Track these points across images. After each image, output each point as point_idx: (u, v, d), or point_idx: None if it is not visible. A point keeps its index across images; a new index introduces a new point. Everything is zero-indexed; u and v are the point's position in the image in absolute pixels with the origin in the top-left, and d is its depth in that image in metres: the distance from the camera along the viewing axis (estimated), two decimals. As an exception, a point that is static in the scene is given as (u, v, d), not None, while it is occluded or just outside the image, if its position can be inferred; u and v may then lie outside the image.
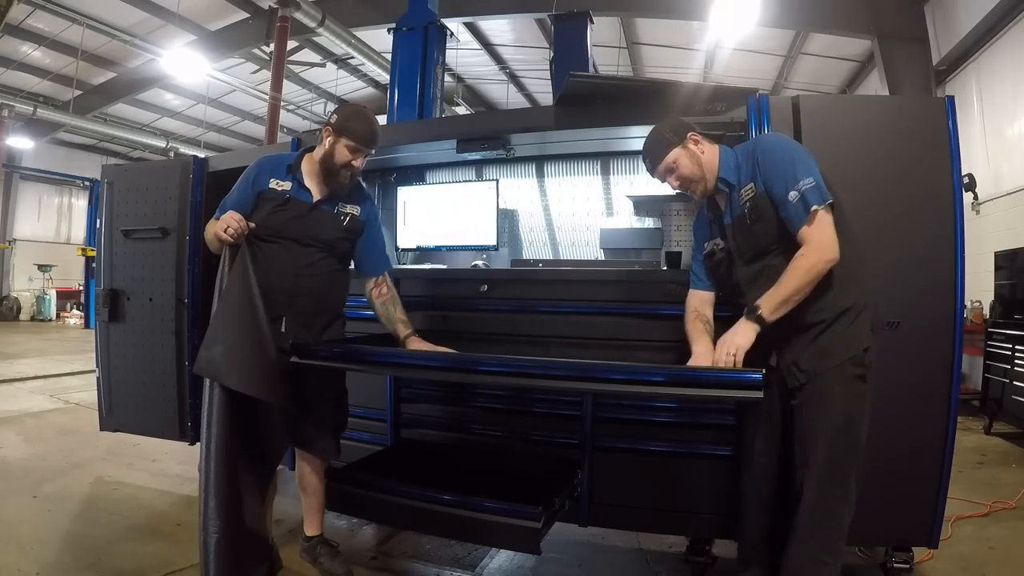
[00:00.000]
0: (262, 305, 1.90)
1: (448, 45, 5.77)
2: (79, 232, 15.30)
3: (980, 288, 5.31)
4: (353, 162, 2.06)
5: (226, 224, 1.92)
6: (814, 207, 1.64)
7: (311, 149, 2.15)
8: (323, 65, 11.05)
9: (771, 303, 1.66)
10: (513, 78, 11.59)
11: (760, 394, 1.51)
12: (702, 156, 1.84)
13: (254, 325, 1.89)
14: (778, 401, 1.79)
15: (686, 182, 1.86)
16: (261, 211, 2.07)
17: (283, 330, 2.04)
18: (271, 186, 2.08)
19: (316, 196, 2.11)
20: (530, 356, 2.08)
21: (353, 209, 2.17)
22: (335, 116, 2.07)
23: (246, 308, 1.89)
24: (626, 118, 2.49)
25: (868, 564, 2.33)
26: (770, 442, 1.82)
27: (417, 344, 2.13)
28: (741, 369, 1.62)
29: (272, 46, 8.52)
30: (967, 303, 5.02)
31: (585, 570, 2.35)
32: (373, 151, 2.15)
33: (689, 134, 1.85)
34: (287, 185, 2.09)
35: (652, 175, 1.92)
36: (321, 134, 2.10)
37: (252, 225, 1.97)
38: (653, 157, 1.88)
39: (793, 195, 1.67)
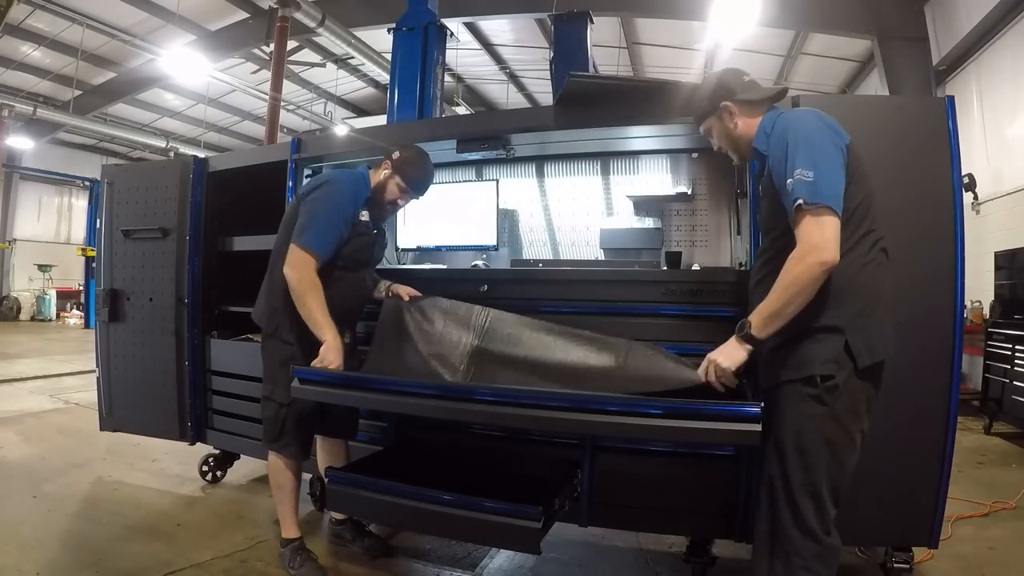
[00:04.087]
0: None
1: (448, 45, 5.79)
2: (79, 232, 15.33)
3: (980, 288, 5.31)
4: (399, 200, 2.21)
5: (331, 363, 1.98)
6: (798, 200, 1.43)
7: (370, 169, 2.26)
8: (323, 65, 11.06)
9: (760, 317, 1.49)
10: (513, 78, 11.59)
11: (757, 427, 1.40)
12: (734, 130, 1.70)
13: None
14: None
15: (723, 149, 1.79)
16: (353, 244, 2.15)
17: (347, 340, 2.15)
18: (361, 219, 2.18)
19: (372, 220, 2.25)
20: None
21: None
22: (398, 152, 2.18)
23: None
24: (626, 118, 2.48)
25: (868, 564, 2.33)
26: None
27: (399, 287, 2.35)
28: (731, 401, 1.47)
29: (272, 46, 8.52)
30: (967, 303, 5.02)
31: (585, 570, 2.35)
32: (419, 197, 2.29)
33: (723, 104, 1.69)
34: (367, 215, 2.20)
35: None
36: (382, 162, 2.21)
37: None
38: (695, 119, 1.81)
39: (789, 183, 1.47)
